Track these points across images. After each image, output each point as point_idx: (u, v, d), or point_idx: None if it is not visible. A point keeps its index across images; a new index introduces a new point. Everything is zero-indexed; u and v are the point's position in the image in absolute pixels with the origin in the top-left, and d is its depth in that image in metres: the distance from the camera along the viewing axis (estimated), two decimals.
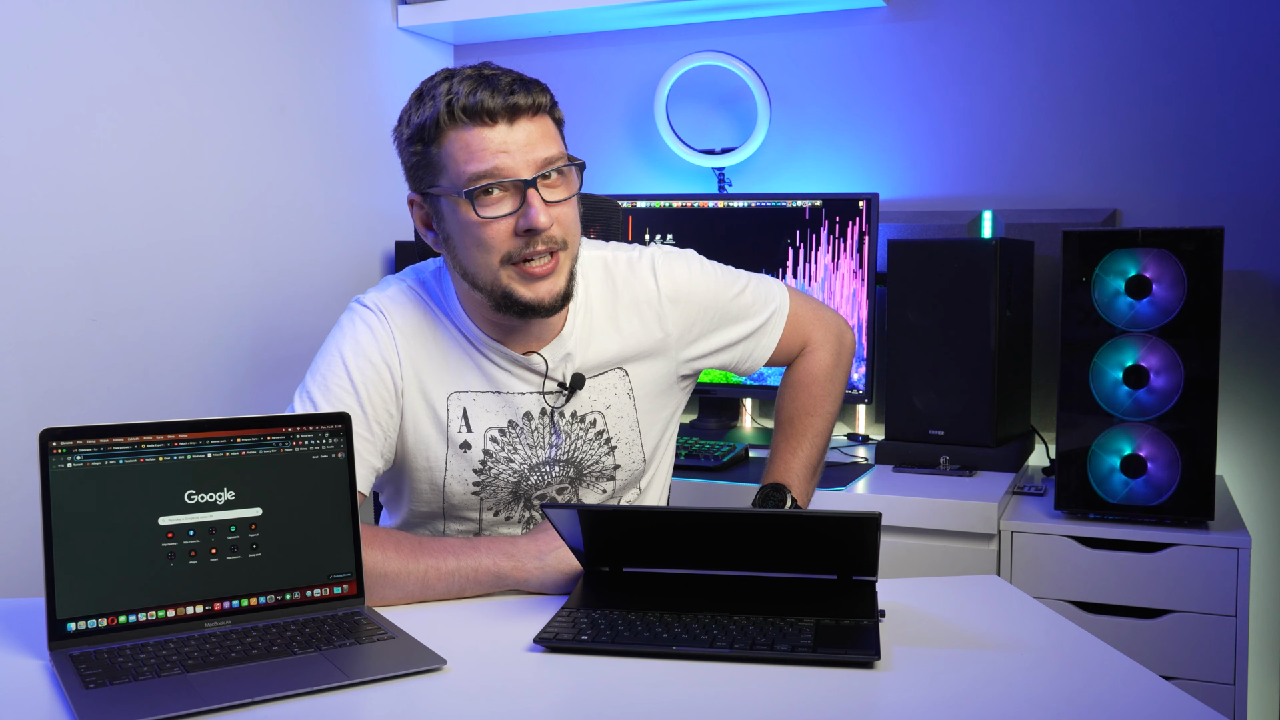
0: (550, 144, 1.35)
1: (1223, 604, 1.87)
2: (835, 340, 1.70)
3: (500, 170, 1.31)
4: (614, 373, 1.51)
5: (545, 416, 1.48)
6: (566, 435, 1.49)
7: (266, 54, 2.44)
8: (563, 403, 1.48)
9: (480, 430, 1.46)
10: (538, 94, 1.34)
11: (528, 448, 1.48)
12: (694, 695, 1.05)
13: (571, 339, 1.47)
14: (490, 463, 1.47)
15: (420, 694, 1.06)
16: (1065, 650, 1.17)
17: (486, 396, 1.46)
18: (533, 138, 1.33)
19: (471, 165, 1.32)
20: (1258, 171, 2.32)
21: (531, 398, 1.47)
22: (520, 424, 1.47)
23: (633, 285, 1.53)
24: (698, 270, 1.58)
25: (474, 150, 1.32)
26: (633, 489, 1.59)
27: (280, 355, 2.50)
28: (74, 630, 1.14)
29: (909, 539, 2.00)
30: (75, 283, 2.06)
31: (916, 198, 2.60)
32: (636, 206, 2.56)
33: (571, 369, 1.48)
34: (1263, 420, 2.33)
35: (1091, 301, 1.95)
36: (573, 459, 1.50)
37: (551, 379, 1.47)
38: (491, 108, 1.31)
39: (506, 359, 1.45)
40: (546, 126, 1.35)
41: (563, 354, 1.47)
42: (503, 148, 1.31)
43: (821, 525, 1.26)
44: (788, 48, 2.69)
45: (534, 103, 1.33)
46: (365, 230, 2.74)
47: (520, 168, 1.32)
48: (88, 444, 1.17)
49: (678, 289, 1.55)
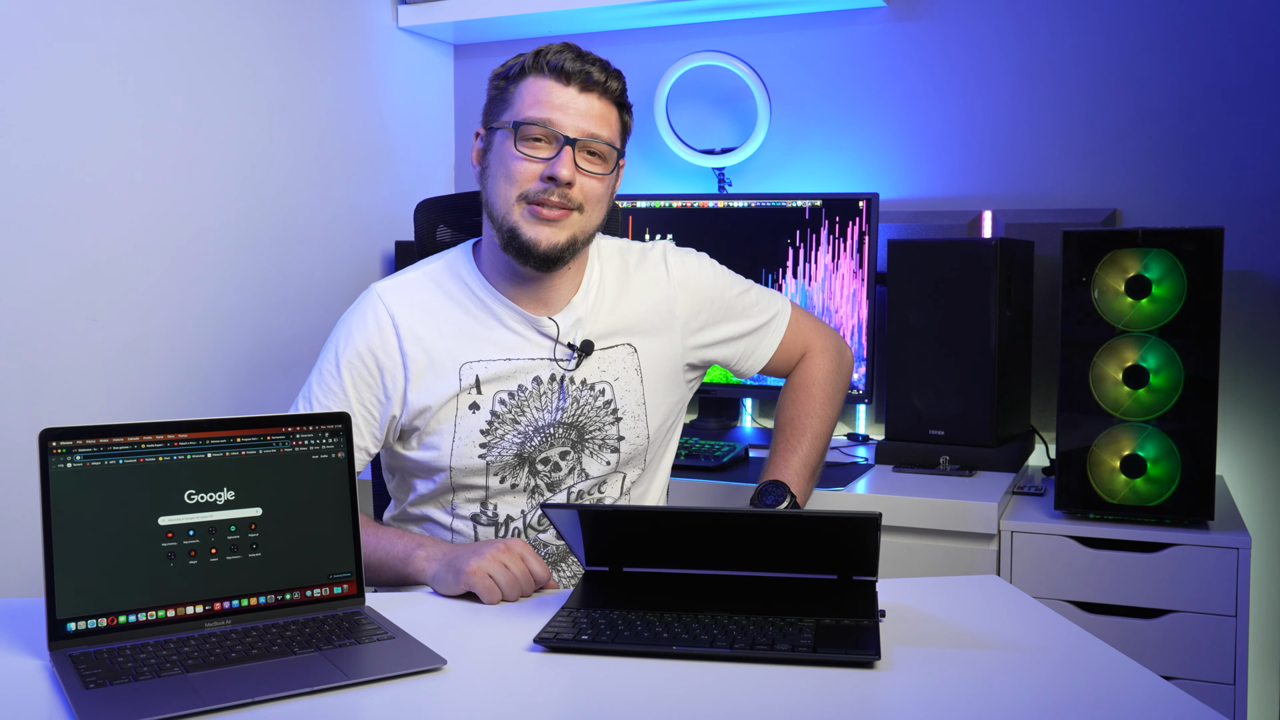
0: (604, 125, 1.48)
1: (1223, 604, 1.87)
2: (835, 351, 1.76)
3: (551, 121, 1.45)
4: (623, 347, 1.59)
5: (554, 381, 1.54)
6: (574, 400, 1.55)
7: (266, 54, 2.44)
8: (573, 366, 1.54)
9: (489, 394, 1.53)
10: (613, 79, 1.49)
11: (535, 410, 1.54)
12: (694, 695, 1.05)
13: (583, 307, 1.56)
14: (496, 423, 1.52)
15: (420, 694, 1.06)
16: (1065, 650, 1.17)
17: (498, 364, 1.53)
18: (593, 111, 1.47)
19: (532, 108, 1.46)
20: (1258, 171, 2.32)
21: (542, 363, 1.54)
22: (529, 387, 1.53)
23: (644, 268, 1.63)
24: (707, 265, 1.69)
25: (540, 97, 1.46)
26: (635, 467, 1.62)
27: (280, 355, 2.50)
28: (74, 630, 1.14)
29: (909, 539, 2.00)
30: (75, 283, 2.06)
31: (916, 198, 2.60)
32: (636, 206, 2.56)
33: (582, 335, 1.55)
34: (1263, 420, 2.33)
35: (1091, 301, 1.95)
36: (576, 422, 1.55)
37: (562, 343, 1.54)
38: (570, 70, 1.46)
39: (520, 321, 1.54)
40: (609, 112, 1.49)
41: (574, 319, 1.55)
42: (563, 106, 1.46)
43: (822, 525, 1.26)
44: (788, 48, 2.69)
45: (606, 83, 1.48)
46: (365, 230, 2.74)
47: (569, 127, 1.45)
48: (88, 444, 1.17)
49: (687, 276, 1.64)
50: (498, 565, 1.33)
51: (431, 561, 1.41)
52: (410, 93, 2.89)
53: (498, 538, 1.46)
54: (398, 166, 2.85)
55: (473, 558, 1.34)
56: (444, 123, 3.03)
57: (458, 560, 1.36)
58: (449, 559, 1.38)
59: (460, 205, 1.81)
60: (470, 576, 1.33)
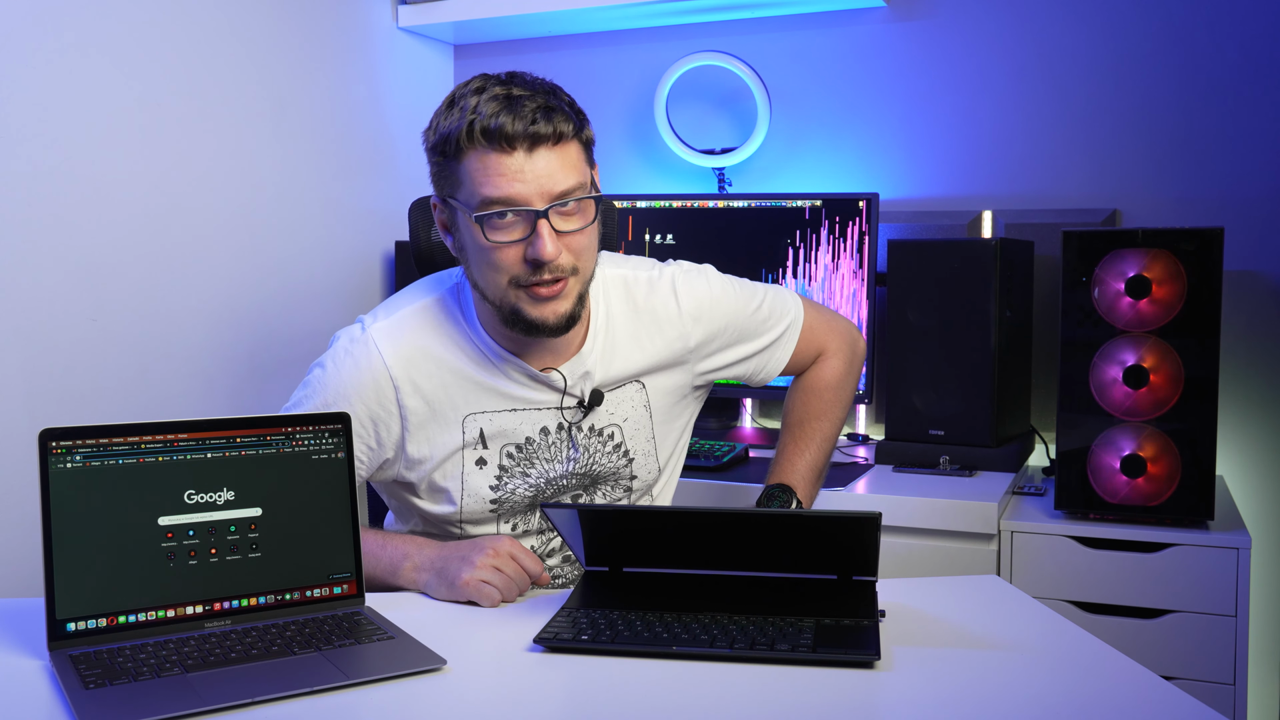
0: (569, 174, 1.32)
1: (1223, 604, 1.87)
2: (849, 349, 1.71)
3: (513, 199, 1.30)
4: (631, 385, 1.52)
5: (563, 432, 1.48)
6: (585, 449, 1.49)
7: (266, 54, 2.44)
8: (580, 418, 1.48)
9: (496, 447, 1.46)
10: (560, 122, 1.31)
11: (545, 462, 1.48)
12: (694, 695, 1.05)
13: (591, 357, 1.47)
14: (506, 477, 1.47)
15: (420, 694, 1.06)
16: (1065, 650, 1.17)
17: (503, 415, 1.46)
18: (551, 168, 1.31)
19: (486, 189, 1.30)
20: (1257, 171, 2.32)
21: (549, 413, 1.47)
22: (537, 439, 1.47)
23: (654, 304, 1.53)
24: (718, 287, 1.58)
25: (490, 174, 1.30)
26: (645, 496, 1.60)
27: (280, 355, 2.50)
28: (74, 630, 1.14)
29: (909, 539, 2.00)
30: (75, 283, 2.06)
31: (916, 198, 2.59)
32: (636, 206, 2.56)
33: (590, 386, 1.48)
34: (1263, 420, 2.33)
35: (1091, 301, 1.95)
36: (590, 471, 1.51)
37: (570, 395, 1.47)
38: (511, 134, 1.28)
39: (524, 374, 1.45)
40: (569, 155, 1.33)
41: (581, 371, 1.47)
42: (519, 176, 1.30)
43: (822, 525, 1.26)
44: (788, 48, 2.69)
45: (555, 131, 1.30)
46: (365, 230, 2.74)
47: (534, 198, 1.30)
48: (88, 444, 1.17)
49: (699, 306, 1.55)
50: (490, 571, 1.31)
51: (421, 572, 1.36)
52: (410, 93, 2.89)
53: (483, 538, 1.40)
54: (398, 166, 2.85)
55: (464, 568, 1.31)
56: None
57: (447, 570, 1.33)
58: (438, 568, 1.35)
59: None
60: (464, 588, 1.31)
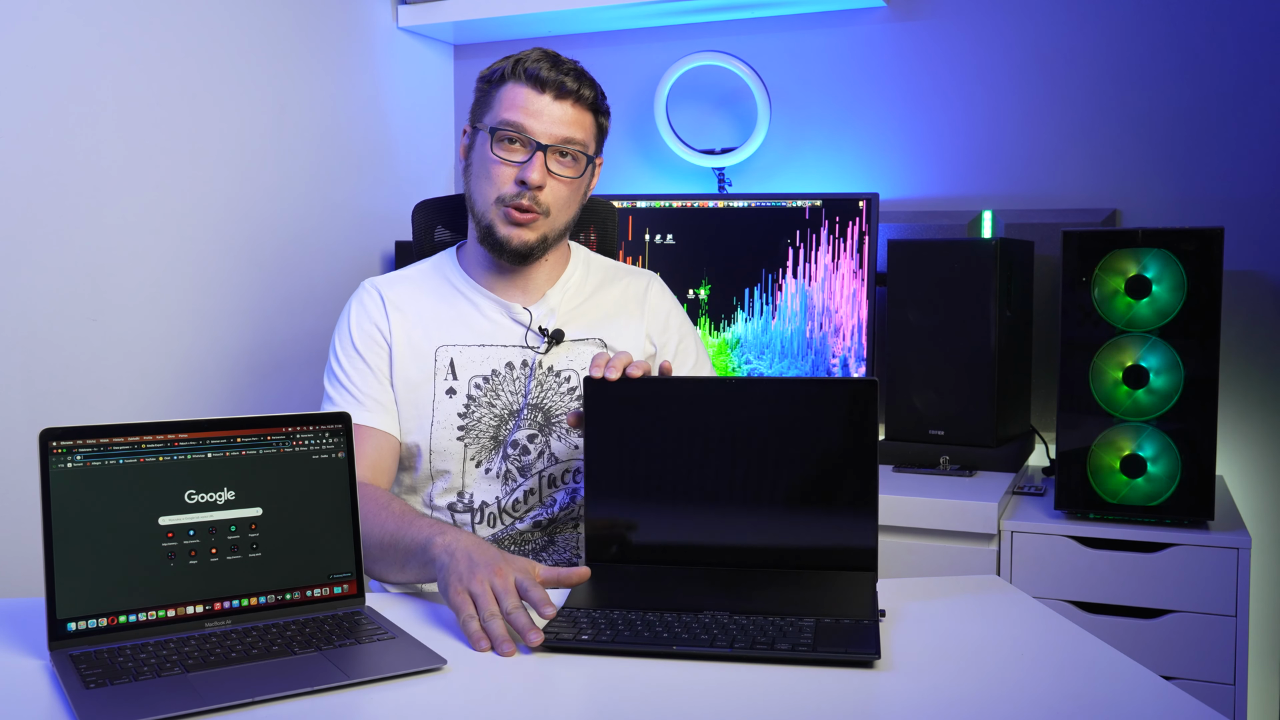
0: (576, 129, 1.55)
1: (1223, 604, 1.87)
2: None
3: (525, 128, 1.53)
4: (593, 342, 1.64)
5: (525, 367, 1.61)
6: (539, 384, 1.61)
7: (267, 54, 2.44)
8: (544, 351, 1.61)
9: (465, 378, 1.60)
10: (586, 87, 1.56)
11: (509, 394, 1.60)
12: (694, 695, 1.05)
13: (557, 298, 1.64)
14: (473, 406, 1.59)
15: (420, 694, 1.06)
16: (1065, 650, 1.17)
17: (472, 349, 1.61)
18: (566, 117, 1.54)
19: (509, 114, 1.54)
20: (1258, 171, 2.32)
21: (514, 350, 1.61)
22: (502, 372, 1.61)
23: (626, 279, 1.72)
24: (683, 316, 1.75)
25: (517, 103, 1.54)
26: None
27: (280, 355, 2.50)
28: (74, 630, 1.14)
29: (909, 539, 2.00)
30: (75, 283, 2.06)
31: (916, 198, 2.60)
32: (636, 206, 2.56)
33: (554, 324, 1.62)
34: (1263, 420, 2.33)
35: (1091, 301, 1.95)
36: (541, 405, 1.61)
37: (533, 330, 1.62)
38: (545, 78, 1.53)
39: (495, 308, 1.62)
40: (582, 117, 1.56)
41: (547, 309, 1.62)
42: (537, 113, 1.53)
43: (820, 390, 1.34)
44: (788, 48, 2.69)
45: (579, 90, 1.55)
46: (365, 230, 2.74)
47: (541, 133, 1.53)
48: (88, 444, 1.17)
49: (660, 306, 1.71)
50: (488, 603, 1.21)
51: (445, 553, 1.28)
52: (410, 93, 2.89)
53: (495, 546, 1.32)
54: (398, 166, 2.85)
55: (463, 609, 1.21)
56: (444, 123, 3.03)
57: (448, 579, 1.25)
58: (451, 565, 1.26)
59: (458, 206, 1.81)
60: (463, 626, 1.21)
